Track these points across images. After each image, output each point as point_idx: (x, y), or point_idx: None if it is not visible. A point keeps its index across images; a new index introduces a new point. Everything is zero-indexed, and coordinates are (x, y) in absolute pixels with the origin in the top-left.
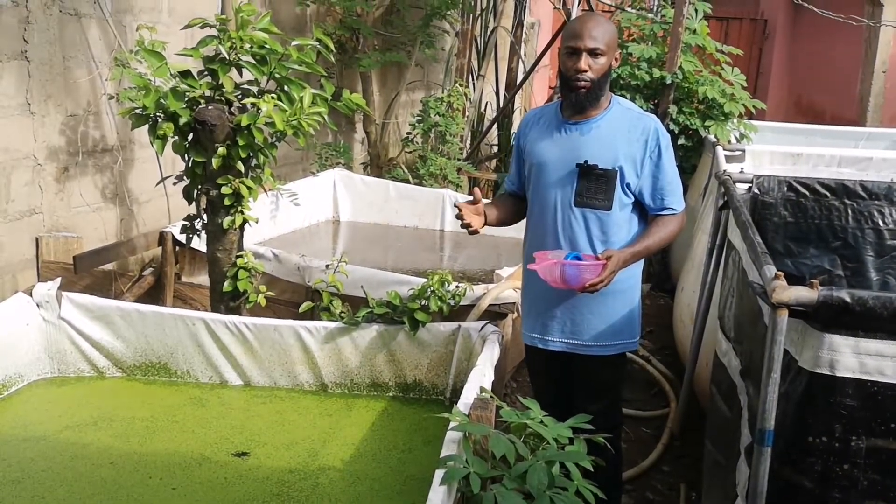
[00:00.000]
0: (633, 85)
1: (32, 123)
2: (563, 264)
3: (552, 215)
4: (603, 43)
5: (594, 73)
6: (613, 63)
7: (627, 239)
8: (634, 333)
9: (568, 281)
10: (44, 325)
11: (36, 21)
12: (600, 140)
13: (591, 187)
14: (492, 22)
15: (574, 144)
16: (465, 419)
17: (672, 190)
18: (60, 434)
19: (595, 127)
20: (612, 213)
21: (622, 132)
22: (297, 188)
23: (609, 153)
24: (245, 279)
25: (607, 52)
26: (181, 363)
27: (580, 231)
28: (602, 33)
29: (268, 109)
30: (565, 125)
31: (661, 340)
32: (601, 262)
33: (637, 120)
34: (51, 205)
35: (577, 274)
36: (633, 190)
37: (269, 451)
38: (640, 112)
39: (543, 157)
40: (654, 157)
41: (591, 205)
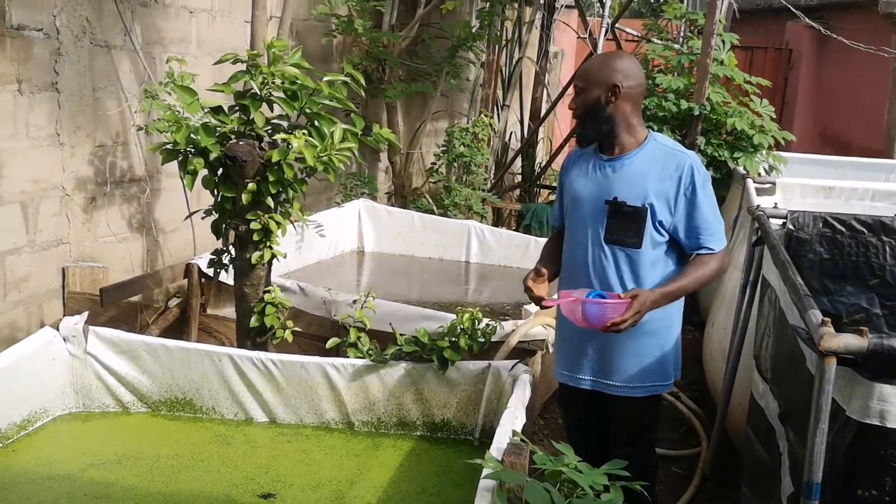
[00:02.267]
0: (660, 116)
1: (62, 154)
2: (585, 302)
3: (583, 252)
4: (581, 80)
5: (577, 110)
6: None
7: (660, 278)
8: (667, 376)
9: (589, 319)
10: (70, 359)
11: (67, 53)
12: (630, 177)
13: (621, 224)
14: (517, 52)
15: (605, 181)
16: (498, 466)
17: (709, 228)
18: (84, 472)
19: (627, 163)
20: (643, 250)
21: (654, 169)
22: (322, 219)
23: (638, 190)
24: (272, 315)
25: (586, 90)
26: (206, 399)
27: (610, 268)
28: (585, 70)
29: (298, 145)
30: (599, 161)
31: (690, 376)
32: (625, 302)
33: (671, 156)
34: (78, 235)
35: (600, 313)
36: (667, 228)
37: (295, 492)
38: (676, 148)
39: (578, 194)
40: (688, 195)
41: (622, 242)
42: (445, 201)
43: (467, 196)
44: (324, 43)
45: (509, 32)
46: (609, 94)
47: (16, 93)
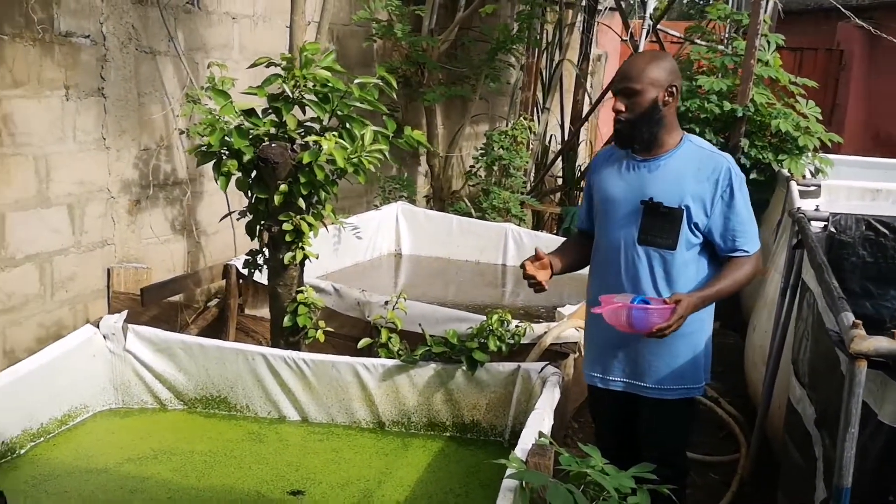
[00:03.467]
0: (702, 118)
1: (107, 157)
2: (630, 308)
3: (616, 253)
4: (638, 81)
5: (630, 113)
6: (664, 98)
7: (693, 280)
8: (699, 379)
9: (634, 325)
10: (110, 356)
11: (113, 59)
12: (667, 178)
13: (656, 225)
14: (557, 55)
15: (640, 181)
16: (521, 466)
17: (745, 231)
18: (121, 467)
19: (663, 164)
20: (677, 252)
21: (691, 170)
22: (359, 221)
23: (675, 191)
24: (304, 315)
25: (645, 90)
26: (241, 397)
27: (643, 270)
28: (639, 71)
29: (329, 147)
30: (633, 162)
31: (730, 381)
32: (669, 307)
33: (708, 158)
34: (122, 236)
35: (645, 318)
36: (703, 230)
37: (324, 490)
38: (713, 150)
39: (609, 194)
40: (725, 197)
41: (655, 243)
42: (484, 204)
43: (506, 199)
44: (364, 47)
45: (550, 35)
46: (666, 95)
47: (63, 98)
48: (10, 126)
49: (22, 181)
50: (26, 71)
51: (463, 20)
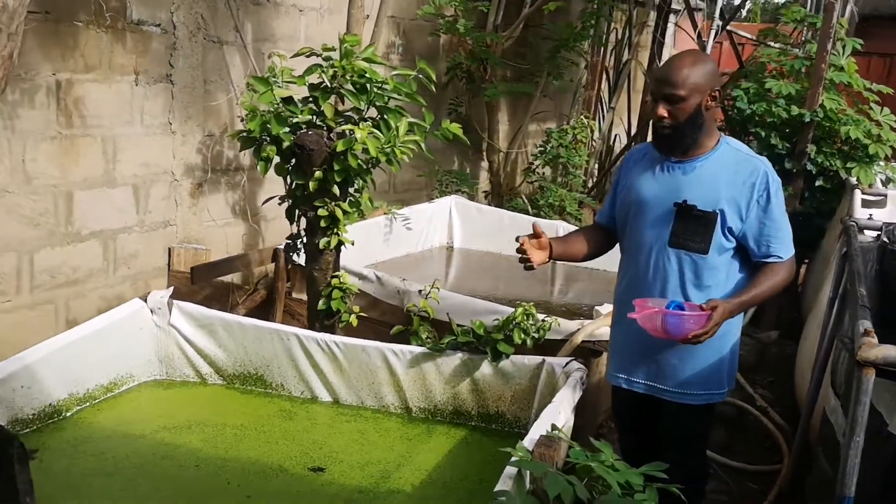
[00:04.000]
0: (769, 122)
1: (172, 142)
2: (665, 313)
3: (646, 255)
4: (683, 87)
5: (673, 119)
6: (708, 102)
7: (724, 284)
8: (722, 385)
9: (669, 331)
10: (155, 330)
11: (182, 47)
12: (702, 180)
13: (688, 228)
14: (626, 54)
15: (674, 183)
16: (527, 455)
17: (780, 236)
18: (157, 434)
19: (699, 167)
20: (709, 256)
21: (727, 174)
22: (412, 213)
23: (710, 195)
24: (339, 299)
25: (689, 96)
26: (276, 376)
27: (673, 273)
28: (682, 77)
29: (362, 136)
30: (667, 163)
31: (781, 391)
32: (705, 313)
33: (745, 162)
34: (184, 218)
35: (680, 324)
36: (736, 234)
37: (344, 468)
38: (749, 153)
39: (642, 195)
40: (761, 202)
41: (687, 246)
42: (540, 202)
43: (562, 197)
44: (430, 42)
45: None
46: (709, 100)
47: (132, 83)
48: (80, 108)
49: (90, 161)
50: (98, 57)
51: (528, 17)
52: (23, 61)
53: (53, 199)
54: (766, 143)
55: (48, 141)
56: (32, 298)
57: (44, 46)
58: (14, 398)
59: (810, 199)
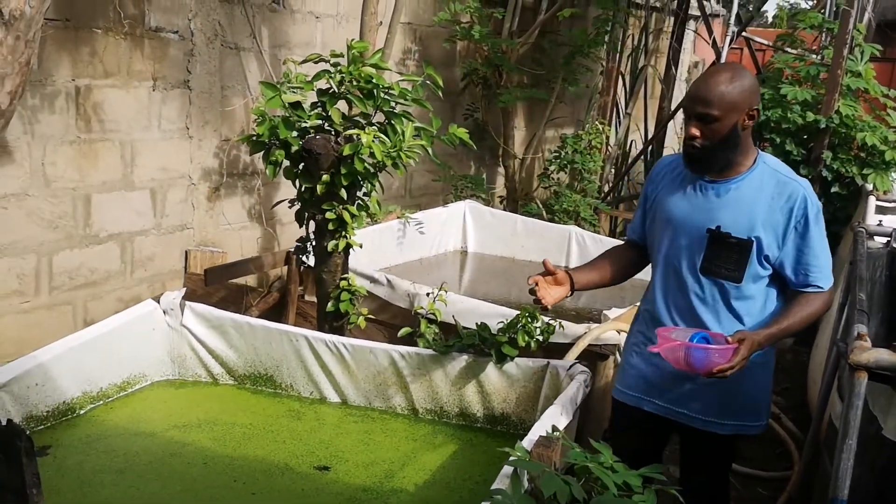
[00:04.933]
0: (784, 128)
1: (190, 146)
2: (689, 346)
3: (674, 279)
4: (717, 107)
5: (705, 140)
6: (745, 122)
7: (759, 314)
8: (759, 416)
9: (693, 365)
10: (168, 330)
11: (199, 54)
12: (738, 205)
13: (722, 255)
14: (642, 60)
15: (708, 206)
16: (525, 455)
17: (819, 265)
18: (167, 433)
19: (734, 188)
20: (743, 285)
21: (764, 197)
22: (425, 217)
23: (745, 220)
24: (347, 301)
25: (723, 117)
26: (285, 376)
27: (704, 301)
28: (718, 95)
29: (367, 140)
30: (701, 183)
31: (795, 398)
32: (731, 346)
33: (783, 185)
34: (201, 221)
35: (705, 358)
36: (773, 262)
37: (349, 467)
38: (789, 175)
39: (672, 214)
40: (799, 228)
41: (720, 274)
42: (555, 207)
43: (577, 202)
44: (447, 48)
45: (635, 39)
46: (746, 119)
47: (150, 89)
48: (99, 113)
49: (109, 165)
50: (117, 62)
51: (543, 23)
52: (43, 67)
53: (72, 201)
54: (781, 149)
55: (67, 145)
56: (51, 299)
57: (63, 53)
58: (28, 395)
59: (826, 206)
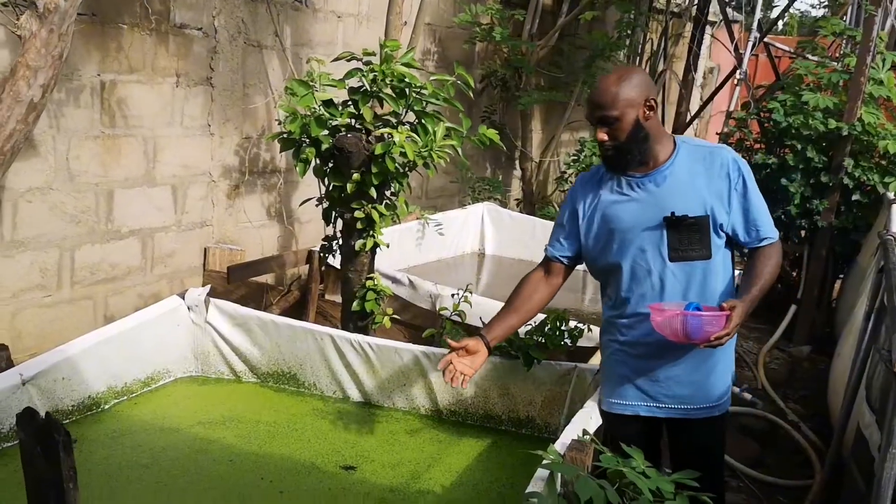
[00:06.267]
0: (805, 135)
1: (211, 143)
2: (686, 314)
3: (644, 276)
4: (613, 107)
5: (615, 140)
6: (645, 113)
7: (723, 282)
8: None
9: (690, 334)
10: (192, 327)
11: (222, 51)
12: (680, 186)
13: (684, 239)
14: (661, 65)
15: (652, 198)
16: (558, 458)
17: (764, 219)
18: (192, 429)
19: (668, 174)
20: (711, 260)
21: (700, 171)
22: (444, 219)
23: (694, 198)
24: (372, 300)
25: (623, 115)
26: (309, 375)
27: (677, 286)
28: (611, 97)
29: (400, 140)
30: (633, 180)
31: (814, 407)
32: (725, 314)
33: (711, 154)
34: (221, 219)
35: (701, 326)
36: (726, 229)
37: (375, 468)
38: (710, 145)
39: (623, 220)
40: (739, 188)
41: (689, 257)
42: None
43: None
44: (466, 49)
45: (654, 44)
46: (646, 111)
47: (174, 85)
48: (123, 109)
49: (131, 161)
50: (141, 58)
51: (563, 26)
52: (69, 61)
53: (95, 196)
54: (802, 156)
55: (91, 140)
56: (72, 294)
57: (89, 48)
58: (55, 389)
59: (846, 214)
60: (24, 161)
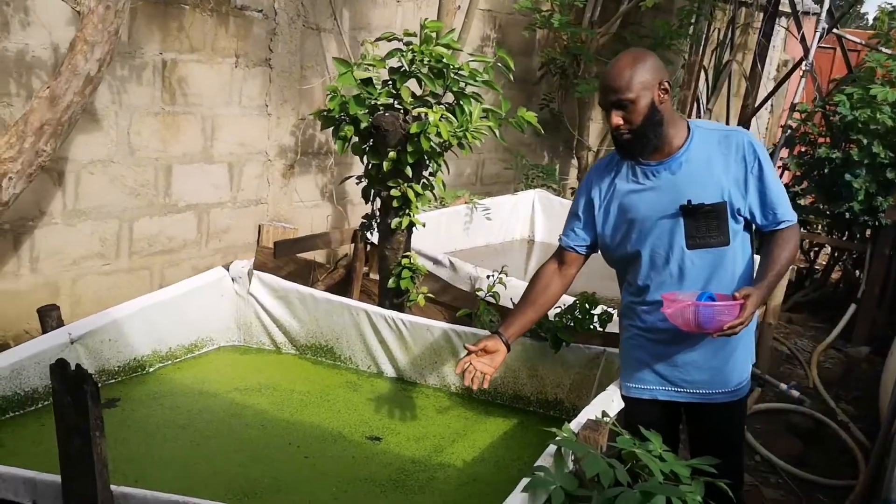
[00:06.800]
0: (872, 129)
1: (268, 123)
2: (698, 306)
3: (662, 265)
4: (629, 90)
5: (632, 124)
6: (660, 96)
7: (742, 266)
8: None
9: (703, 325)
10: (236, 297)
11: (281, 33)
12: (696, 174)
13: (703, 226)
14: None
15: (669, 186)
16: (572, 436)
17: (781, 200)
18: (229, 394)
19: (684, 161)
20: (730, 246)
21: (716, 156)
22: (493, 204)
23: (711, 184)
24: (408, 278)
25: (639, 97)
26: (345, 349)
27: (698, 274)
28: (626, 80)
29: (434, 119)
30: (648, 168)
31: (867, 408)
32: (738, 303)
33: (726, 138)
34: (275, 197)
35: (713, 316)
36: (744, 213)
37: (400, 440)
38: (725, 128)
39: (640, 210)
40: (755, 172)
41: (707, 244)
42: None
43: None
44: (525, 36)
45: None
46: (661, 94)
47: (233, 66)
48: (183, 87)
49: (190, 138)
50: (202, 39)
51: (625, 14)
52: (133, 40)
53: (154, 171)
54: (867, 151)
55: (152, 116)
56: (130, 264)
57: (152, 27)
58: (102, 350)
59: None
60: (87, 134)
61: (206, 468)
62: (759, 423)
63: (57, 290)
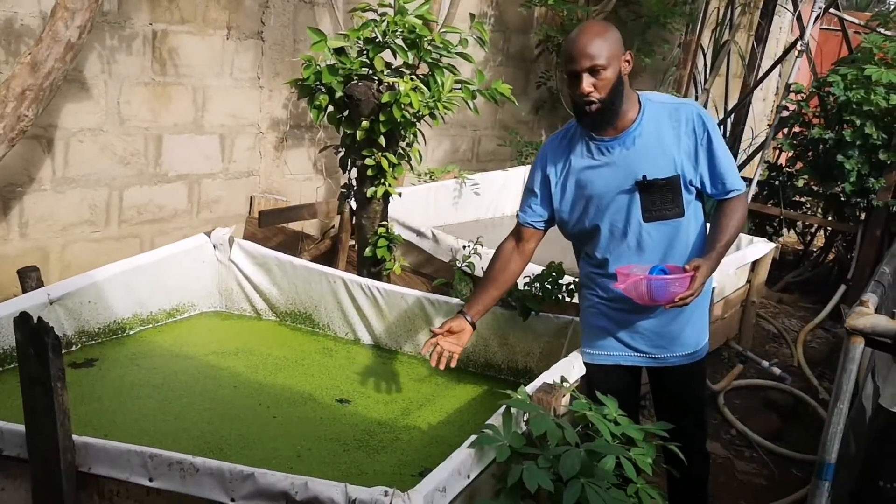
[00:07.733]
0: (865, 110)
1: (260, 96)
2: (650, 279)
3: (620, 238)
4: (602, 57)
5: (601, 92)
6: (624, 67)
7: (694, 234)
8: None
9: (655, 297)
10: (217, 264)
11: (274, 5)
12: (650, 148)
13: (657, 200)
14: (727, 35)
15: (623, 162)
16: (526, 398)
17: (730, 170)
18: (206, 357)
19: (637, 136)
20: (685, 217)
21: (667, 130)
22: (483, 180)
23: (664, 159)
24: (384, 247)
25: (610, 64)
26: (323, 316)
27: (656, 245)
28: (599, 46)
29: (405, 89)
30: (603, 144)
31: None
32: (689, 275)
33: (676, 111)
34: (267, 169)
35: (665, 288)
36: (695, 184)
37: (368, 402)
38: (675, 100)
39: (596, 186)
40: (704, 143)
41: (664, 216)
42: None
43: None
44: (523, 14)
45: (720, 13)
46: (625, 64)
47: (224, 38)
48: (174, 58)
49: (181, 108)
50: (193, 10)
51: None
52: (122, 10)
53: (144, 140)
54: (860, 133)
55: (142, 86)
56: (119, 231)
57: None
58: (81, 311)
59: None
60: (76, 103)
61: (175, 424)
62: (738, 399)
63: (46, 255)
